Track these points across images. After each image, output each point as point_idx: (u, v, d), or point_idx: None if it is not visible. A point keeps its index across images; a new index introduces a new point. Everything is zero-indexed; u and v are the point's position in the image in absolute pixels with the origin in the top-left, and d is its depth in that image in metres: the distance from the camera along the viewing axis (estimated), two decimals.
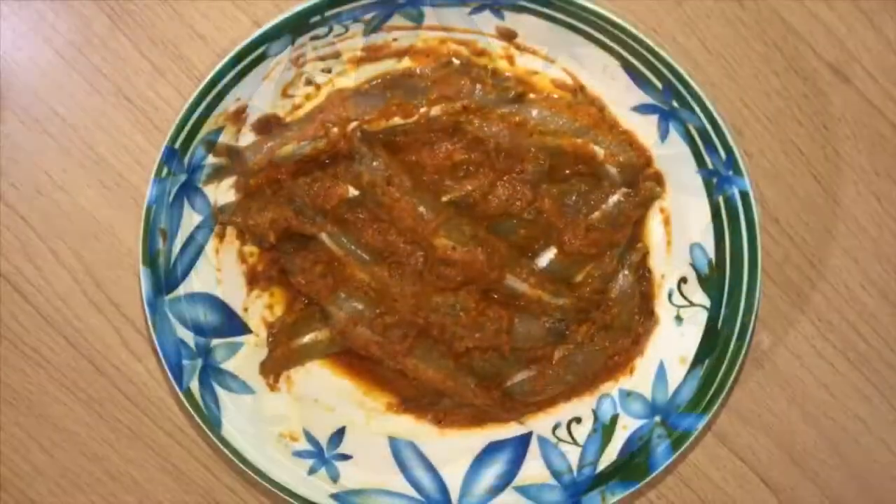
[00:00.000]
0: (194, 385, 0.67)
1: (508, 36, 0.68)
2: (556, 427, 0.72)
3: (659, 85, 0.65)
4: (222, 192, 0.70)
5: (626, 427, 0.70)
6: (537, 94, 0.69)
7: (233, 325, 0.71)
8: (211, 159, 0.67)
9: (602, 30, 0.64)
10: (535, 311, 0.70)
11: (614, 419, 0.71)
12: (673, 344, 0.70)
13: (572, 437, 0.72)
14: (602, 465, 0.70)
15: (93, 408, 0.75)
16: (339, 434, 0.72)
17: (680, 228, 0.70)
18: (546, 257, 0.71)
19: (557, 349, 0.72)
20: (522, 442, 0.72)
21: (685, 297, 0.70)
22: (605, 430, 0.71)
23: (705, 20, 0.71)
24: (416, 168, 0.69)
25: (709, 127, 0.64)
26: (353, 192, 0.69)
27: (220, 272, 0.71)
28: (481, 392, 0.71)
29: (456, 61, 0.69)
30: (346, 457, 0.72)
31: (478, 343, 0.69)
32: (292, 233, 0.70)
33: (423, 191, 0.68)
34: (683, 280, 0.70)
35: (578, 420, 0.72)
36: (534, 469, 0.71)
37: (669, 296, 0.71)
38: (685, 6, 0.71)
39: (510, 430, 0.73)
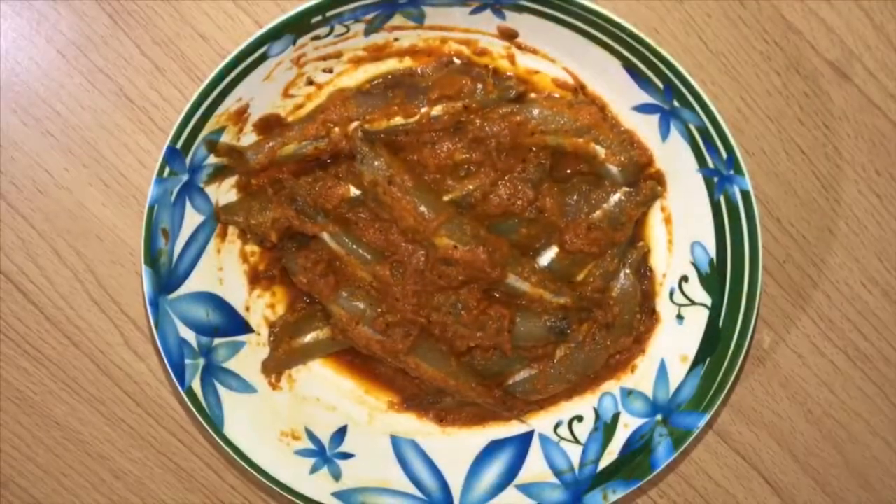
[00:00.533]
0: (196, 384, 0.68)
1: (509, 35, 0.68)
2: (557, 425, 0.73)
3: (660, 84, 0.65)
4: (224, 192, 0.70)
5: (628, 425, 0.71)
6: (538, 93, 0.69)
7: (235, 324, 0.71)
8: (212, 159, 0.67)
9: (603, 29, 0.64)
10: (536, 310, 0.70)
11: (616, 417, 0.71)
12: (674, 342, 0.70)
13: (574, 436, 0.72)
14: (603, 463, 0.70)
15: (95, 407, 0.75)
16: (340, 433, 0.73)
17: (681, 227, 0.70)
18: (547, 256, 0.71)
19: (559, 348, 0.72)
20: (524, 440, 0.73)
21: (686, 296, 0.70)
22: (606, 429, 0.71)
23: (706, 19, 0.71)
24: (417, 167, 0.69)
25: (709, 126, 0.64)
26: (354, 191, 0.69)
27: (221, 271, 0.71)
28: (483, 391, 0.71)
29: (457, 61, 0.69)
30: (347, 455, 0.72)
31: (479, 342, 0.69)
32: (294, 232, 0.70)
33: (424, 190, 0.68)
34: (685, 279, 0.70)
35: (580, 418, 0.72)
36: (535, 467, 0.72)
37: (671, 294, 0.71)
38: (686, 5, 0.71)
39: (512, 429, 0.73)
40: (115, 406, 0.75)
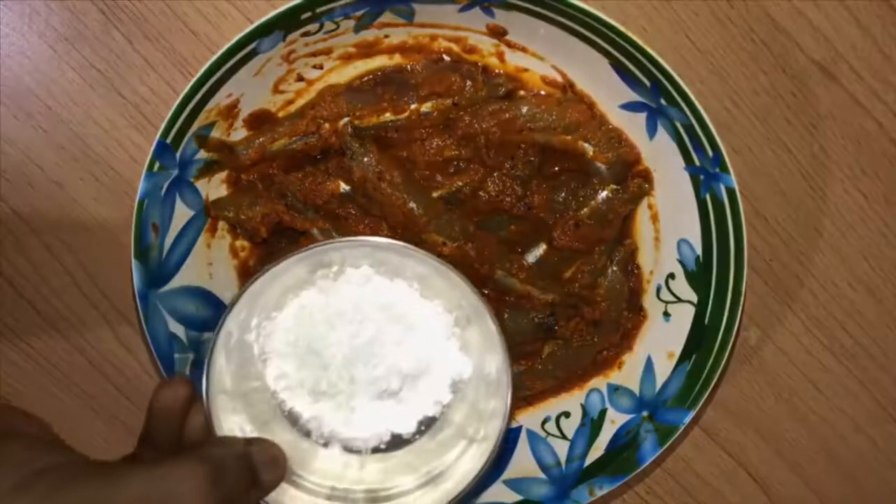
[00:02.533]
0: None
1: (499, 33, 0.68)
2: (545, 421, 0.73)
3: (647, 83, 0.65)
4: (214, 187, 0.70)
5: (615, 421, 0.71)
6: (527, 90, 0.70)
7: None
8: (203, 154, 0.68)
9: (591, 28, 0.64)
10: (524, 307, 0.70)
11: (602, 413, 0.72)
12: (661, 339, 0.71)
13: (561, 432, 0.72)
14: (590, 458, 0.71)
15: (86, 402, 0.75)
16: None
17: (668, 225, 0.70)
18: (536, 253, 0.72)
19: (546, 344, 0.72)
20: (512, 436, 0.73)
21: (673, 293, 0.70)
22: (593, 425, 0.72)
23: (694, 18, 0.71)
24: (407, 164, 0.69)
25: (696, 124, 0.64)
26: (344, 187, 0.69)
27: (211, 266, 0.71)
28: None
29: (447, 58, 0.70)
30: None
31: None
32: (284, 228, 0.70)
33: (413, 186, 0.68)
34: (671, 276, 0.70)
35: (567, 414, 0.73)
36: (523, 462, 0.72)
37: (657, 291, 0.71)
38: (674, 5, 0.71)
39: None
40: (106, 401, 0.75)
